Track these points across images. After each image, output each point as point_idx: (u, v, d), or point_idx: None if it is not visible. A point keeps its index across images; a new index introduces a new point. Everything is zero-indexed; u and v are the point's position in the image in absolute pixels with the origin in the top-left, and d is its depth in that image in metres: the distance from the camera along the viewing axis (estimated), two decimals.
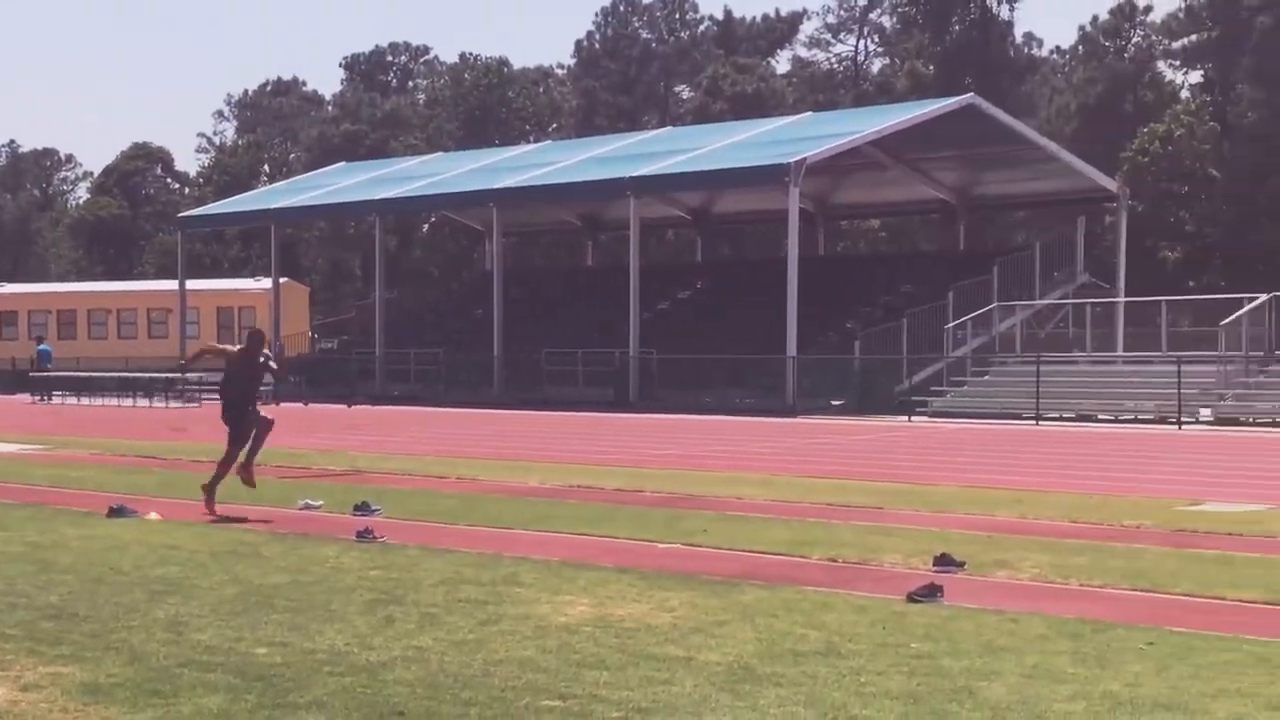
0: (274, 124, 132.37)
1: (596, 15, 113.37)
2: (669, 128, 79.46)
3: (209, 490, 17.67)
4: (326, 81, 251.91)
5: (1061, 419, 41.25)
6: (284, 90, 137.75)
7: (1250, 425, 38.69)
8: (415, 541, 14.45)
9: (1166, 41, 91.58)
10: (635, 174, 53.91)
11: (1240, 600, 11.16)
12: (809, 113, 72.44)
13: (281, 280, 68.90)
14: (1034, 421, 40.55)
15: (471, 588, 11.60)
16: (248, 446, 17.89)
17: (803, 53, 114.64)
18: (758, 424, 39.98)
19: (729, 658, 8.86)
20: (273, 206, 68.66)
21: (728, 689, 8.06)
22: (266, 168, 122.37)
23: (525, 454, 27.85)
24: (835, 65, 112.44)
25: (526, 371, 54.34)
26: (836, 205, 68.28)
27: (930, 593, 11.06)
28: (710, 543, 14.45)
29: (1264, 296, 44.07)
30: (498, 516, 16.76)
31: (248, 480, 17.94)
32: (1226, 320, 42.99)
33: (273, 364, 18.31)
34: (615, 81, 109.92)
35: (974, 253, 61.43)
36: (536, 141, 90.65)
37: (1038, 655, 8.93)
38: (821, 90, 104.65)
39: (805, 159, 48.88)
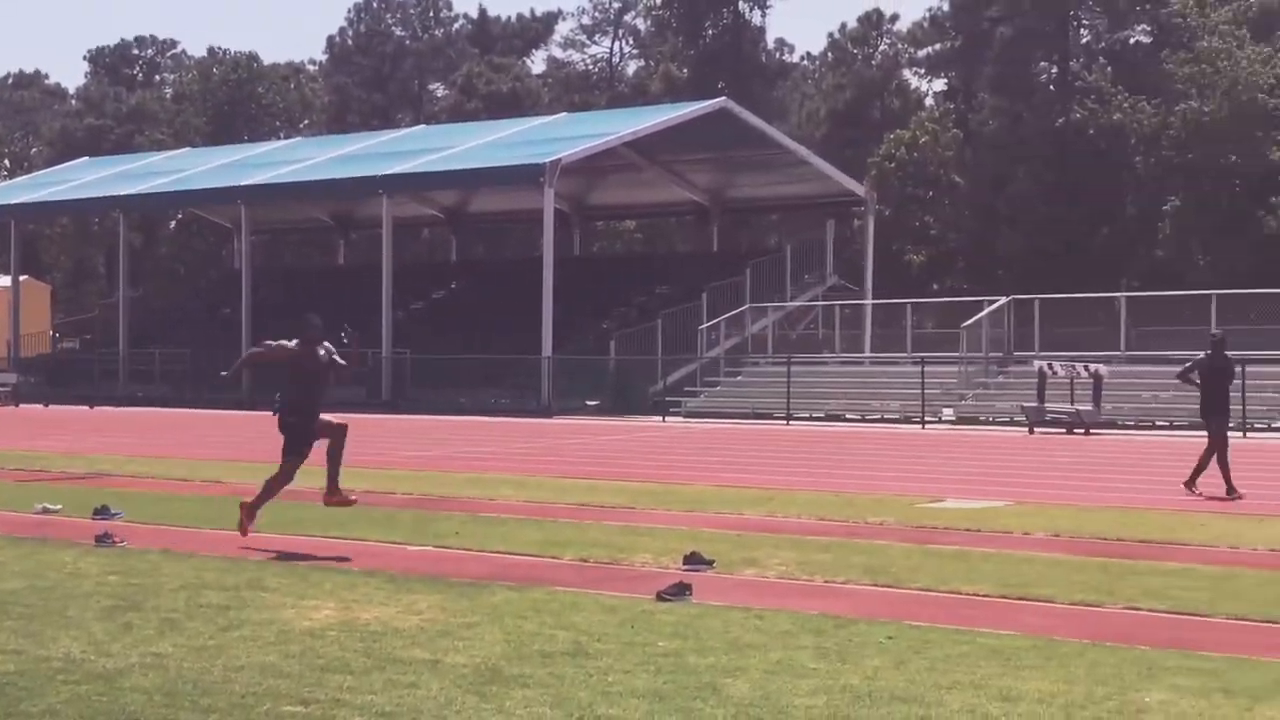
0: (14, 117, 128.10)
1: (349, 11, 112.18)
2: (423, 126, 79.13)
3: (249, 510, 14.89)
4: (70, 74, 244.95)
5: (811, 418, 42.02)
6: (25, 83, 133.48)
7: (989, 424, 39.85)
8: (157, 546, 14.12)
9: (912, 50, 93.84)
10: (388, 172, 53.50)
11: (975, 594, 11.47)
12: (564, 113, 72.76)
13: (21, 278, 66.81)
14: (785, 421, 41.20)
15: (214, 592, 11.36)
16: (327, 468, 14.97)
17: (558, 53, 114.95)
18: (513, 424, 39.97)
19: (476, 660, 8.81)
20: (12, 202, 66.53)
21: (474, 691, 8.01)
22: (6, 162, 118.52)
23: (274, 456, 27.36)
24: (590, 66, 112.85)
25: (276, 372, 53.45)
26: (592, 206, 68.63)
27: (679, 591, 11.13)
28: (461, 544, 14.38)
29: (1003, 299, 45.49)
30: None
31: (342, 501, 15.14)
32: (968, 322, 44.29)
33: (338, 358, 15.05)
34: (368, 78, 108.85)
35: (727, 254, 62.28)
36: (287, 138, 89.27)
37: (782, 651, 9.05)
38: (577, 91, 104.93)
39: (560, 159, 49.00)
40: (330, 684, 8.18)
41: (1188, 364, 21.54)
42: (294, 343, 14.85)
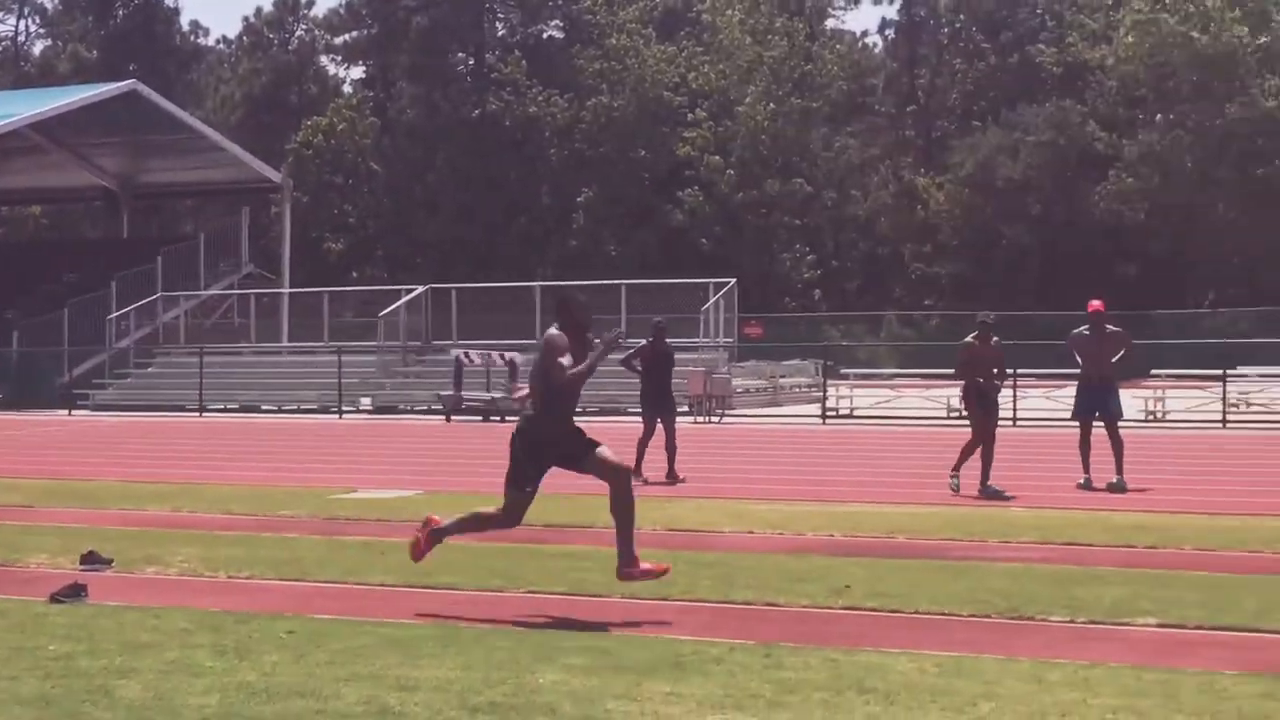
0: None
1: None
2: None
3: (434, 535, 11.03)
4: None
5: (226, 410, 41.36)
6: None
7: (408, 413, 40.23)
8: None
9: (329, 37, 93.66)
10: None
11: (382, 584, 11.53)
12: None
13: None
14: (198, 413, 40.40)
15: None
16: (616, 530, 10.44)
17: None
18: None
19: None
20: None
21: None
22: None
23: None
24: None
25: None
26: None
27: (74, 592, 10.74)
28: None
29: (421, 288, 46.04)
30: None
31: (647, 573, 10.42)
32: (385, 311, 44.56)
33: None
34: None
35: (138, 242, 60.54)
36: None
37: (178, 650, 8.83)
38: None
39: None
40: None
41: (630, 351, 22.08)
42: (557, 328, 10.57)
